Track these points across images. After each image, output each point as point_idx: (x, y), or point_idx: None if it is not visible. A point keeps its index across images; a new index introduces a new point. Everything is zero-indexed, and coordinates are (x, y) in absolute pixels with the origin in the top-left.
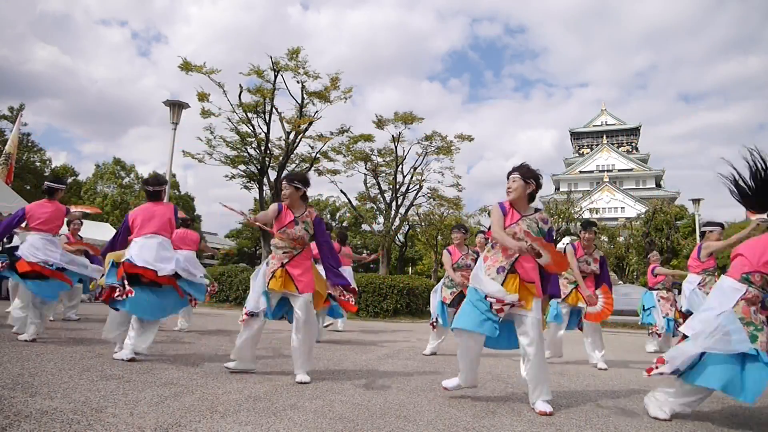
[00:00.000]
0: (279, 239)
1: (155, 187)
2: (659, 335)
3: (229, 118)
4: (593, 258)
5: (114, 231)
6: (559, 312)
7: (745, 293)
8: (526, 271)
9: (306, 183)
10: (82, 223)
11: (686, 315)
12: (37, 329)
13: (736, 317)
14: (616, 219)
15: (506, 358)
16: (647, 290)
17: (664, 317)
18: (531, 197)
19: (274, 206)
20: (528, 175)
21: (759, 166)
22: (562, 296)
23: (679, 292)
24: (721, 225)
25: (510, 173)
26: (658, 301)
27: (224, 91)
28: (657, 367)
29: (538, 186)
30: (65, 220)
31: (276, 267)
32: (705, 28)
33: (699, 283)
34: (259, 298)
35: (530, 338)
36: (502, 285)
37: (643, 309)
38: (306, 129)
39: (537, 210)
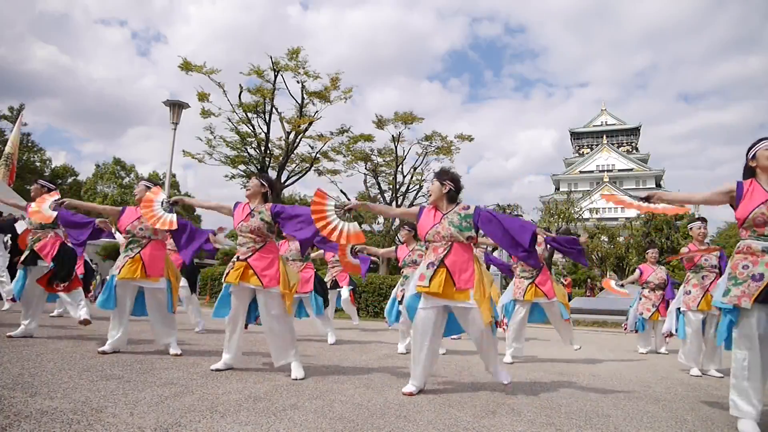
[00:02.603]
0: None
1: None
2: (625, 329)
3: (229, 118)
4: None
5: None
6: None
7: None
8: (453, 264)
9: (458, 184)
10: None
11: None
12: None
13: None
14: (616, 219)
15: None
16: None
17: (639, 315)
18: (450, 197)
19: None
20: (443, 177)
21: None
22: (521, 294)
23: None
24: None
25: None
26: (639, 299)
27: (224, 91)
28: None
29: (457, 186)
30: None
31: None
32: (705, 27)
33: None
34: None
35: (471, 327)
36: (430, 279)
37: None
38: (306, 129)
39: (457, 203)
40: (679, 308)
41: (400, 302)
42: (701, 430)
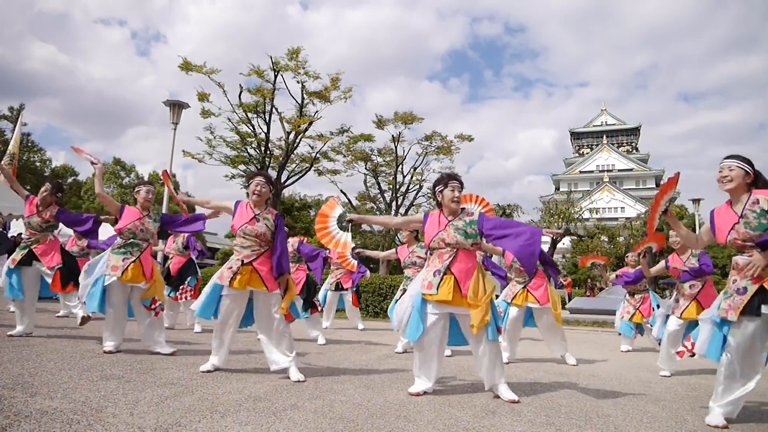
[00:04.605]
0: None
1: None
2: (619, 334)
3: (229, 118)
4: None
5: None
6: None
7: None
8: (460, 271)
9: (273, 184)
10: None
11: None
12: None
13: None
14: (616, 219)
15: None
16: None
17: (620, 319)
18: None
19: (230, 202)
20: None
21: None
22: (510, 297)
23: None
24: None
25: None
26: (622, 303)
27: (224, 91)
28: None
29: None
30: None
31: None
32: (705, 27)
33: None
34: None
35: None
36: (437, 287)
37: None
38: (306, 129)
39: (462, 209)
40: (668, 315)
41: None
42: (701, 430)
